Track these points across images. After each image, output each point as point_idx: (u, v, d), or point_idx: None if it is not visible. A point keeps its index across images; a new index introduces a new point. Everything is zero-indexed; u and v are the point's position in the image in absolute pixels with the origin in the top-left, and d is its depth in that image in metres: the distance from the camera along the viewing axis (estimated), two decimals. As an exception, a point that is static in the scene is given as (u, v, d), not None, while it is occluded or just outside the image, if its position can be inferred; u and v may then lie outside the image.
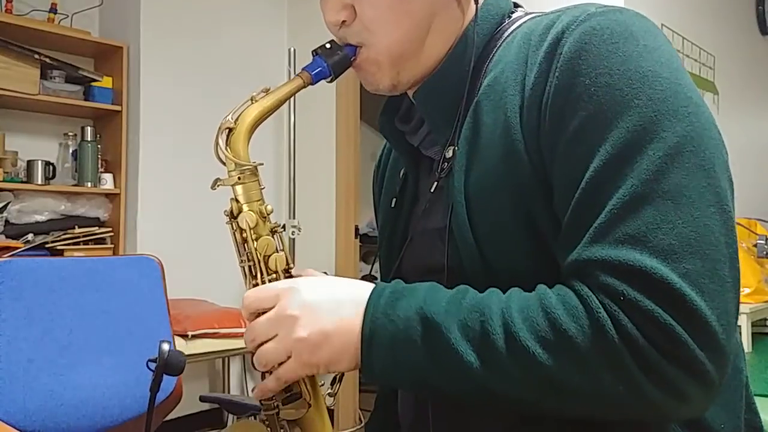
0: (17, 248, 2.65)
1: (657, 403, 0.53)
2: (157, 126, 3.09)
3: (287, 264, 0.68)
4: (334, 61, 0.70)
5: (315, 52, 0.71)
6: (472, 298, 0.60)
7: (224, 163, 0.67)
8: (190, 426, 2.94)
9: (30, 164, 2.84)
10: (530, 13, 0.73)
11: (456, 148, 0.69)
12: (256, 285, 0.67)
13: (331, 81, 0.72)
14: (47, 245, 2.78)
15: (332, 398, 0.69)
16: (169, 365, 0.71)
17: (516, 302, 0.58)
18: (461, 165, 0.67)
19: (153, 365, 0.72)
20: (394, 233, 0.81)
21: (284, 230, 0.71)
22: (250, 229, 0.66)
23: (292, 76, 0.68)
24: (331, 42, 0.71)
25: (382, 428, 0.88)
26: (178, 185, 3.15)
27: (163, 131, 3.11)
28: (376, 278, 0.74)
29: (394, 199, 0.81)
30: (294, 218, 3.24)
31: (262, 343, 0.62)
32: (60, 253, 2.78)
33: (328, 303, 0.62)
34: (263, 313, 0.63)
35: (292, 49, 3.35)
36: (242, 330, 2.65)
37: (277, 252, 0.67)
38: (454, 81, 0.71)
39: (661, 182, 0.55)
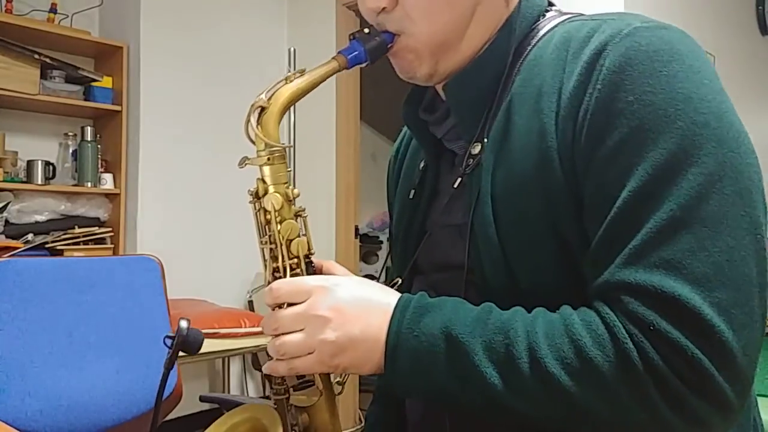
0: (17, 248, 2.64)
1: (678, 430, 0.54)
2: (157, 126, 3.08)
3: (309, 249, 0.67)
4: (371, 46, 0.68)
5: (352, 36, 0.69)
6: (498, 318, 0.59)
7: (254, 142, 0.66)
8: (190, 426, 2.94)
9: (30, 164, 2.84)
10: (565, 14, 0.72)
11: (484, 143, 0.68)
12: (277, 268, 0.66)
13: (366, 66, 0.70)
14: (47, 245, 2.77)
15: (341, 386, 0.69)
16: (186, 342, 0.69)
17: (541, 326, 0.57)
18: (489, 163, 0.66)
19: (169, 341, 0.71)
20: (410, 226, 0.80)
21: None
22: (275, 211, 0.65)
23: (292, 75, 0.67)
24: (369, 27, 0.69)
25: (384, 422, 0.87)
26: (178, 185, 3.15)
27: (163, 131, 3.10)
28: (376, 278, 0.73)
29: (413, 191, 0.80)
30: (294, 218, 3.24)
31: (282, 334, 0.62)
32: (60, 253, 2.78)
33: (358, 308, 0.61)
34: (289, 303, 0.62)
35: (292, 49, 3.35)
36: (242, 330, 2.67)
37: (300, 237, 0.66)
38: (488, 75, 0.69)
39: (699, 208, 0.54)
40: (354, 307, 0.61)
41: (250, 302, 3.21)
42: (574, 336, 0.56)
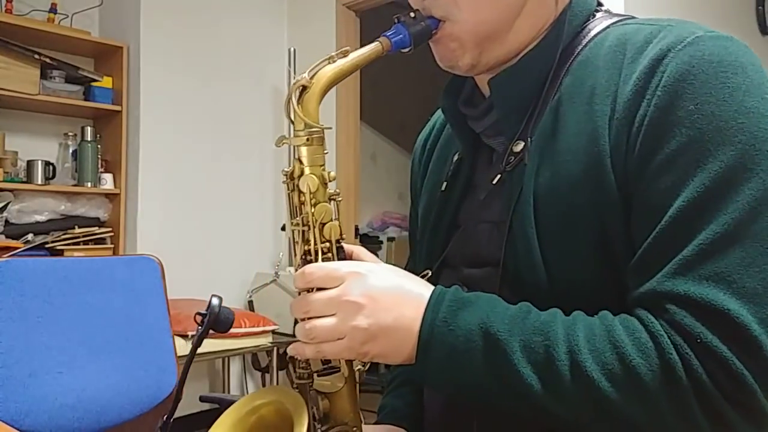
0: (17, 248, 2.65)
1: None
2: (157, 126, 3.08)
3: (340, 234, 0.66)
4: (416, 30, 0.66)
5: (397, 19, 0.67)
6: (536, 319, 0.59)
7: (292, 122, 0.65)
8: (190, 426, 2.94)
9: (30, 164, 2.84)
10: (614, 15, 0.71)
11: (529, 142, 0.67)
12: (308, 251, 0.65)
13: (409, 51, 0.68)
14: (47, 245, 2.77)
15: (363, 373, 0.68)
16: (218, 321, 0.68)
17: (582, 330, 0.57)
18: (534, 162, 0.66)
19: (200, 318, 0.69)
20: (440, 219, 0.79)
21: (340, 199, 0.67)
22: (310, 193, 0.64)
23: (293, 75, 0.66)
24: (416, 12, 0.68)
25: (400, 413, 0.85)
26: (179, 185, 3.15)
27: (164, 131, 3.11)
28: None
29: (445, 184, 0.79)
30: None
31: (313, 318, 0.61)
32: (60, 253, 2.78)
33: (392, 296, 0.61)
34: (320, 288, 0.62)
35: (292, 49, 3.35)
36: (242, 330, 2.67)
37: (333, 221, 0.65)
38: (535, 73, 0.69)
39: (753, 224, 0.54)
40: (387, 295, 0.61)
41: (250, 302, 3.21)
42: (617, 342, 0.55)
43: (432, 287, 0.63)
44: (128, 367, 1.52)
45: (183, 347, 2.45)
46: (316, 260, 0.64)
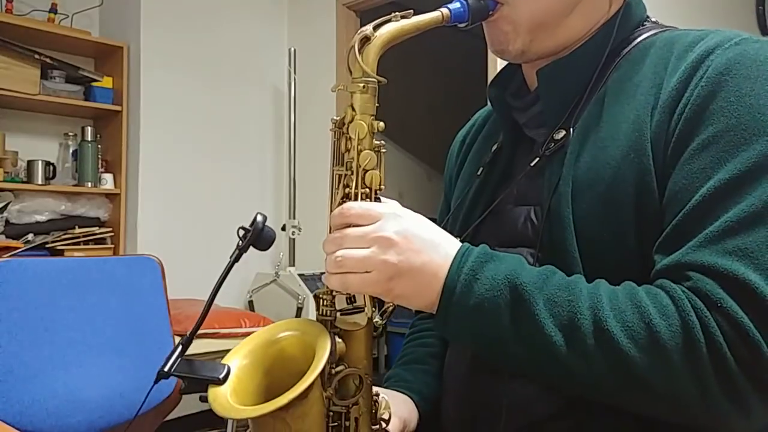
0: (17, 248, 2.65)
1: (721, 411, 0.55)
2: (158, 126, 3.08)
3: (380, 184, 0.67)
4: (475, 6, 0.69)
5: None
6: (561, 278, 0.61)
7: (351, 72, 0.67)
8: (190, 426, 2.94)
9: (30, 164, 2.83)
10: (662, 26, 0.75)
11: (572, 131, 0.70)
12: (347, 195, 0.66)
13: (465, 27, 0.71)
14: (47, 245, 2.77)
15: (381, 327, 0.69)
16: (260, 238, 0.68)
17: (605, 291, 0.59)
18: (575, 148, 0.68)
19: (242, 233, 0.69)
20: (475, 203, 0.81)
21: (384, 151, 0.69)
22: (357, 139, 0.65)
23: (293, 75, 0.66)
24: None
25: (411, 383, 0.85)
26: (179, 185, 3.15)
27: (164, 131, 3.10)
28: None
29: (481, 169, 0.82)
30: (294, 218, 3.24)
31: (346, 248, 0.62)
32: (60, 253, 2.78)
33: (424, 240, 0.62)
34: (354, 226, 0.63)
35: (292, 49, 3.35)
36: (242, 330, 2.66)
37: (375, 169, 0.66)
38: (582, 69, 0.72)
39: None
40: (420, 238, 0.62)
41: (250, 302, 3.21)
42: (638, 303, 0.57)
43: (461, 243, 0.65)
44: (128, 367, 1.52)
45: (183, 347, 2.45)
46: None
